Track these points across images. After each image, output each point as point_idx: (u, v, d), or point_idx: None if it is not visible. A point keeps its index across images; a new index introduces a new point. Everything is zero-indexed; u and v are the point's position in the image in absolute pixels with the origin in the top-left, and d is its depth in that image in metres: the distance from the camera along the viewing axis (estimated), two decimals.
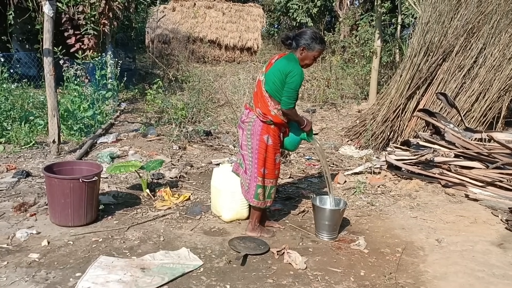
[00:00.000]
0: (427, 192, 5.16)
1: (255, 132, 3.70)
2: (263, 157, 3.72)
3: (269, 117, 3.65)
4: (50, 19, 5.37)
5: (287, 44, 3.70)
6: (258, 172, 3.75)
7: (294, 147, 4.07)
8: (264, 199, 3.82)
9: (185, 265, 3.30)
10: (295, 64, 3.59)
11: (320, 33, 3.70)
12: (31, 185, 4.80)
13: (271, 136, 3.71)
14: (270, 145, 3.72)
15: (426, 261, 3.55)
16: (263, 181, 3.77)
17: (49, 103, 5.64)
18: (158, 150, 6.35)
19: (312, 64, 3.75)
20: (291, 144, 3.97)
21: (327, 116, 9.65)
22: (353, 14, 17.76)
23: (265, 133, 3.70)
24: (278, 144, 3.80)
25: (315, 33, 3.62)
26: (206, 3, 21.04)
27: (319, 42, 3.60)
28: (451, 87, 6.84)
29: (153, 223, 4.05)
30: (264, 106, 3.66)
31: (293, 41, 3.64)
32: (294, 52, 3.68)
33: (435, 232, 4.09)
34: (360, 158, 6.64)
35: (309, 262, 3.44)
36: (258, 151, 3.72)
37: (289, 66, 3.56)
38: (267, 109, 3.65)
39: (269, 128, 3.70)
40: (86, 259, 3.32)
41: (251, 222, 3.91)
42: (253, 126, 3.71)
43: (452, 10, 6.93)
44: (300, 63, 3.65)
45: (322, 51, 3.67)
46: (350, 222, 4.28)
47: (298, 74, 3.54)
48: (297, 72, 3.54)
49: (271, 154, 3.75)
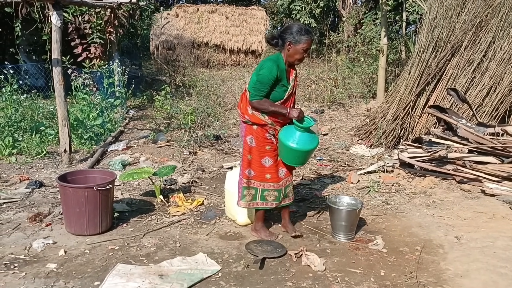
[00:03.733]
0: (442, 189, 5.10)
1: (241, 133, 3.77)
2: (246, 158, 3.70)
3: (246, 117, 3.63)
4: (58, 29, 5.39)
5: (273, 44, 3.63)
6: (242, 173, 3.76)
7: (290, 159, 3.64)
8: (252, 200, 3.77)
9: (203, 271, 3.28)
10: (268, 60, 3.55)
11: (305, 25, 3.61)
12: (45, 195, 4.80)
13: (254, 138, 3.65)
14: (253, 147, 3.66)
15: (446, 259, 3.50)
16: (248, 183, 3.73)
17: (59, 113, 5.65)
18: (168, 156, 6.35)
19: (303, 58, 3.56)
20: (285, 156, 3.63)
21: (336, 116, 9.61)
22: (357, 13, 17.73)
23: (248, 134, 3.66)
24: (264, 147, 3.67)
25: (299, 26, 3.52)
26: (209, 7, 21.13)
27: (304, 33, 3.47)
28: (461, 82, 6.76)
29: (168, 229, 4.03)
30: (243, 105, 3.66)
31: (279, 39, 3.57)
32: (282, 51, 3.59)
33: (453, 229, 4.04)
34: (372, 157, 6.59)
35: (327, 264, 3.40)
36: (243, 153, 3.74)
37: (262, 63, 3.59)
38: (245, 108, 3.64)
39: (252, 129, 3.65)
40: (104, 267, 3.31)
41: (254, 222, 3.92)
42: (240, 128, 3.78)
43: (459, 4, 6.86)
44: (290, 60, 3.56)
45: (310, 42, 3.50)
46: (366, 221, 4.24)
47: (266, 68, 3.48)
48: (266, 66, 3.49)
49: (256, 156, 3.68)
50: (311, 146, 3.57)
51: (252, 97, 3.54)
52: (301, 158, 3.63)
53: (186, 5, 21.46)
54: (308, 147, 3.55)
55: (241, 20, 20.21)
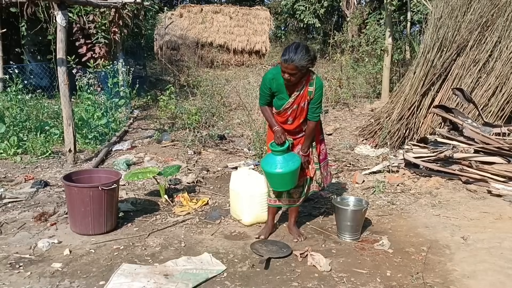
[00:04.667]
0: (448, 189, 5.08)
1: None
2: None
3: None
4: (63, 28, 5.40)
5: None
6: None
7: (281, 185, 3.65)
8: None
9: (208, 270, 3.26)
10: (268, 71, 3.68)
11: (295, 45, 3.36)
12: (50, 195, 4.80)
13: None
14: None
15: (453, 259, 3.48)
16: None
17: (64, 113, 5.66)
18: (173, 155, 6.34)
19: (285, 80, 3.44)
20: (275, 184, 3.67)
21: (340, 116, 9.58)
22: (361, 13, 17.70)
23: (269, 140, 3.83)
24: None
25: (290, 46, 3.41)
26: (213, 8, 21.14)
27: (282, 55, 3.39)
28: (467, 82, 6.73)
29: (173, 229, 4.02)
30: None
31: None
32: None
33: (459, 229, 4.02)
34: (377, 157, 6.57)
35: (333, 264, 3.38)
36: None
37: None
38: None
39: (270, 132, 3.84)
40: (109, 267, 3.30)
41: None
42: None
43: (465, 4, 6.84)
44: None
45: (284, 66, 3.35)
46: (371, 222, 4.21)
47: (263, 78, 3.67)
48: (263, 77, 3.67)
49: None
50: (295, 165, 3.55)
51: (259, 101, 3.79)
52: (291, 180, 3.60)
53: (190, 5, 21.48)
54: (293, 167, 3.53)
55: (245, 20, 20.20)
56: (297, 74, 3.38)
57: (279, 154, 3.55)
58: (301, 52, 3.32)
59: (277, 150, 3.55)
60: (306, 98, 3.56)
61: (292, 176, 3.58)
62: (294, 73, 3.36)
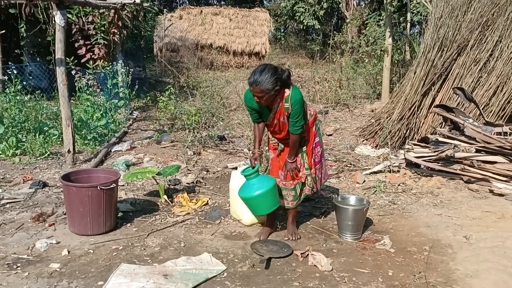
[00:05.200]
0: (450, 188, 5.04)
1: None
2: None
3: None
4: (62, 28, 5.37)
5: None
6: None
7: (264, 207, 3.62)
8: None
9: (208, 270, 3.23)
10: (248, 89, 3.60)
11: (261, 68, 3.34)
12: (48, 195, 4.77)
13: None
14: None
15: (455, 259, 3.44)
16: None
17: (63, 113, 5.62)
18: (173, 156, 6.31)
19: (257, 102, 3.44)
20: (258, 208, 3.65)
21: (340, 117, 9.55)
22: (360, 15, 17.69)
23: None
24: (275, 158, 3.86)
25: (257, 66, 3.42)
26: (213, 9, 21.11)
27: (248, 78, 3.39)
28: (468, 82, 6.70)
29: (172, 229, 3.99)
30: None
31: None
32: None
33: (462, 229, 3.98)
34: (377, 157, 6.53)
35: (334, 264, 3.34)
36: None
37: None
38: None
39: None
40: (108, 267, 3.26)
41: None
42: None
43: (465, 3, 6.82)
44: None
45: (252, 90, 3.36)
46: (373, 221, 4.18)
47: (244, 97, 3.73)
48: (244, 96, 3.73)
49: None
50: (271, 183, 3.57)
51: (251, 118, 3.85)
52: (272, 200, 3.58)
53: (190, 7, 21.49)
54: (270, 185, 3.54)
55: (245, 22, 20.18)
56: (265, 96, 3.34)
57: (253, 177, 3.58)
58: (266, 75, 3.27)
59: (249, 173, 3.58)
60: (284, 114, 3.51)
61: (272, 194, 3.56)
62: (262, 95, 3.33)
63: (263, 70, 3.30)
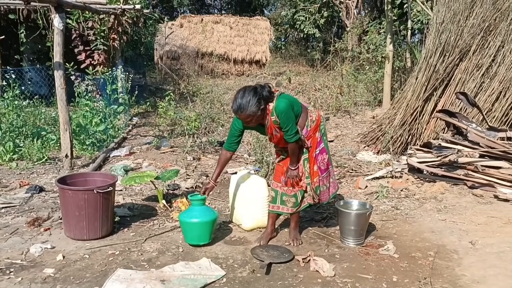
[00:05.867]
0: (453, 194, 4.95)
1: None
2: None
3: None
4: (60, 32, 5.32)
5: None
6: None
7: (188, 234, 3.62)
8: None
9: (206, 276, 3.13)
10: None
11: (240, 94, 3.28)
12: (45, 200, 4.68)
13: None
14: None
15: (461, 264, 3.34)
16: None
17: (61, 117, 5.55)
18: (172, 161, 6.23)
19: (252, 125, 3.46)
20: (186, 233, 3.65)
21: (341, 123, 9.48)
22: (361, 23, 17.70)
23: None
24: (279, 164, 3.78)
25: (237, 91, 3.35)
26: (214, 18, 21.16)
27: (231, 106, 3.35)
28: (470, 87, 6.63)
29: (171, 234, 3.89)
30: None
31: None
32: None
33: (467, 234, 3.88)
34: (379, 163, 6.44)
35: (337, 269, 3.25)
36: None
37: None
38: None
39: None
40: (103, 272, 3.17)
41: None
42: None
43: (467, 8, 6.76)
44: None
45: (237, 116, 3.36)
46: (375, 227, 4.08)
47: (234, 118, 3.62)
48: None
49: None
50: (211, 217, 3.59)
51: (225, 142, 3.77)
52: (204, 233, 3.58)
53: (191, 16, 21.53)
54: (208, 218, 3.56)
55: (245, 30, 20.21)
56: (253, 119, 3.32)
57: (198, 204, 3.61)
58: (247, 98, 3.23)
59: (196, 199, 3.61)
60: (274, 126, 3.46)
61: (205, 228, 3.55)
62: (250, 120, 3.32)
63: (243, 95, 3.25)
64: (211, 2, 33.65)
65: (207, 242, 3.62)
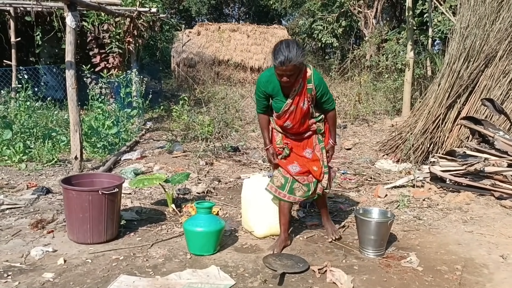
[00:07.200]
0: (480, 205, 4.65)
1: None
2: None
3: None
4: (73, 30, 5.21)
5: None
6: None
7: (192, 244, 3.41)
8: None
9: (215, 285, 2.91)
10: (262, 74, 3.46)
11: (285, 43, 3.09)
12: (51, 202, 4.52)
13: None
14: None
15: (492, 280, 3.06)
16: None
17: (71, 118, 5.42)
18: (184, 166, 6.04)
19: (283, 83, 3.20)
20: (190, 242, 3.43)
21: (359, 132, 9.21)
22: (379, 33, 17.43)
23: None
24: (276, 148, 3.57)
25: (279, 46, 3.11)
26: (231, 26, 21.11)
27: (273, 57, 3.10)
28: (496, 94, 6.32)
29: (179, 239, 3.69)
30: None
31: None
32: None
33: (497, 247, 3.59)
34: (399, 172, 6.16)
35: (355, 281, 2.99)
36: None
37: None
38: None
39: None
40: (105, 278, 2.97)
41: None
42: None
43: (494, 12, 6.48)
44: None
45: (279, 68, 3.09)
46: (397, 237, 3.82)
47: (257, 82, 3.47)
48: (257, 80, 3.47)
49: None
50: (217, 227, 3.39)
51: (256, 108, 3.63)
52: (209, 242, 3.38)
53: (208, 24, 21.52)
54: (214, 228, 3.37)
55: (263, 39, 20.10)
56: (295, 73, 3.15)
57: (204, 212, 3.43)
58: (293, 48, 3.06)
59: (202, 207, 3.45)
60: (305, 96, 3.30)
61: (211, 238, 3.36)
62: (293, 73, 3.13)
63: (289, 45, 3.07)
64: (229, 12, 33.79)
65: (212, 253, 3.40)
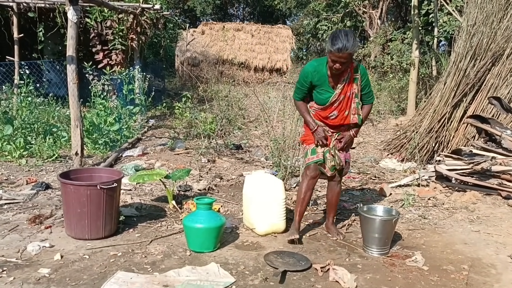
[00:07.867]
0: (487, 204, 4.56)
1: None
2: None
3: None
4: (74, 24, 5.14)
5: None
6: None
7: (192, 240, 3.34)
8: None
9: (214, 283, 2.83)
10: (309, 63, 3.54)
11: (343, 32, 3.16)
12: (50, 197, 4.46)
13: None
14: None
15: (500, 280, 2.97)
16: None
17: (72, 113, 5.35)
18: (186, 163, 5.97)
19: (335, 70, 3.25)
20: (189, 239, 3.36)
21: (364, 131, 9.11)
22: (384, 33, 17.30)
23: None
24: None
25: (337, 33, 3.18)
26: (235, 25, 21.03)
27: (332, 44, 3.15)
28: (503, 93, 6.22)
29: (178, 236, 3.61)
30: None
31: None
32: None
33: (505, 247, 3.50)
34: (404, 171, 6.07)
35: (359, 280, 2.91)
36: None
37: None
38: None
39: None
40: (102, 275, 2.90)
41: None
42: None
43: (501, 10, 6.38)
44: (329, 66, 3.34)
45: (337, 55, 3.15)
46: (401, 236, 3.73)
47: (302, 70, 3.52)
48: (303, 68, 3.53)
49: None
50: (217, 223, 3.31)
51: (293, 94, 3.63)
52: (209, 237, 3.30)
53: (212, 23, 21.45)
54: (214, 224, 3.30)
55: (267, 38, 20.01)
56: (348, 62, 3.24)
57: (204, 208, 3.36)
58: (351, 38, 3.15)
59: (202, 203, 3.38)
60: (352, 85, 3.40)
61: (211, 234, 3.29)
62: (346, 61, 3.21)
63: (347, 34, 3.15)
64: (233, 12, 33.71)
65: (212, 250, 3.32)
